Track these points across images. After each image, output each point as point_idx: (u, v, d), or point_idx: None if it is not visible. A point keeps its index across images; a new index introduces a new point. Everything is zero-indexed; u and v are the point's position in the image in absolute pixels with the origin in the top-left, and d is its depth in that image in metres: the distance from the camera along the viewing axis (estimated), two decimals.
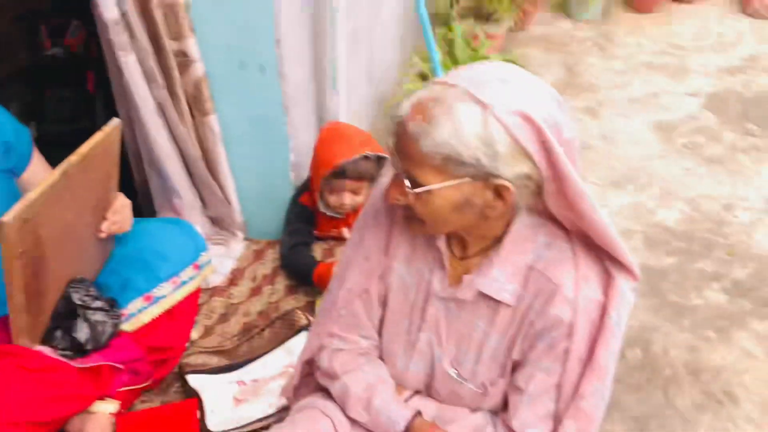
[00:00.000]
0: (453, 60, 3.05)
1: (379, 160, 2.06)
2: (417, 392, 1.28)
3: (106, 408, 1.65)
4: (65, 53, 3.07)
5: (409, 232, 1.15)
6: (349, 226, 2.19)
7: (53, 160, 1.60)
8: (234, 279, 2.15)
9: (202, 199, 2.16)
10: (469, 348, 1.17)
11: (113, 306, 1.70)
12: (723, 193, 2.84)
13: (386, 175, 1.12)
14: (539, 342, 1.09)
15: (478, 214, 1.02)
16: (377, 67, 2.85)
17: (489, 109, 0.92)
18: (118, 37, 1.68)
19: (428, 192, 0.99)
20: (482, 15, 3.53)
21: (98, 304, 1.67)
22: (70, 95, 3.09)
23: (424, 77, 2.95)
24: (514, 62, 3.12)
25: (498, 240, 1.10)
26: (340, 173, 2.01)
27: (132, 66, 1.74)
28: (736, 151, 3.12)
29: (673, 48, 4.17)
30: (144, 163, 2.05)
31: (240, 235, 2.25)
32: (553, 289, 1.06)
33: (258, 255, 2.23)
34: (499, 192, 0.98)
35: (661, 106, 3.50)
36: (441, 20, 3.49)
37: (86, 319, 1.64)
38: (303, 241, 2.14)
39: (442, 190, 0.98)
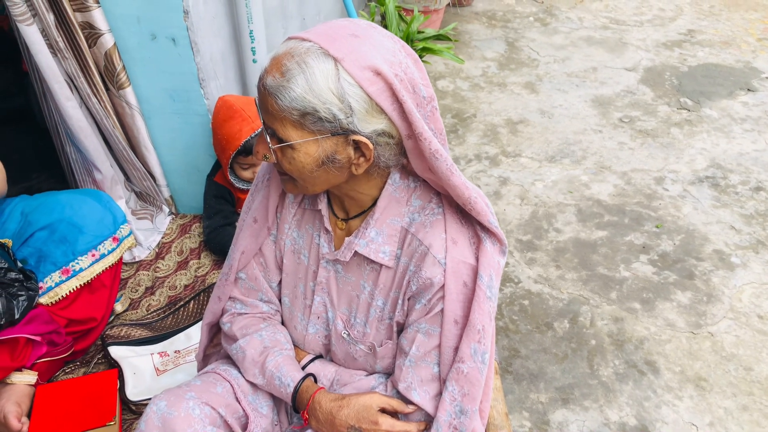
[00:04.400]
0: None
1: None
2: (319, 357, 1.30)
3: (24, 379, 1.66)
4: None
5: (285, 190, 1.15)
6: None
7: None
8: (161, 253, 2.16)
9: (124, 173, 2.16)
10: (358, 309, 1.19)
11: (30, 279, 1.70)
12: (655, 167, 2.92)
13: None
14: (417, 304, 1.10)
15: (346, 171, 1.03)
16: None
17: (340, 62, 0.92)
18: (17, 8, 1.67)
19: (290, 147, 0.99)
20: None
21: (12, 276, 1.67)
22: (2, 74, 3.06)
23: None
24: (448, 37, 3.18)
25: (375, 202, 1.11)
26: (247, 151, 2.02)
27: (35, 37, 1.73)
28: (669, 125, 3.20)
29: (613, 23, 4.24)
30: (62, 138, 2.04)
31: (166, 209, 2.25)
32: (425, 252, 1.07)
33: (185, 229, 2.24)
34: (359, 148, 0.98)
35: (600, 81, 3.58)
36: None
37: (0, 293, 1.64)
38: (225, 222, 2.15)
39: (304, 146, 0.98)
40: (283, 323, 1.33)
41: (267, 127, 1.00)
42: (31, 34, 1.72)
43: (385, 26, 3.04)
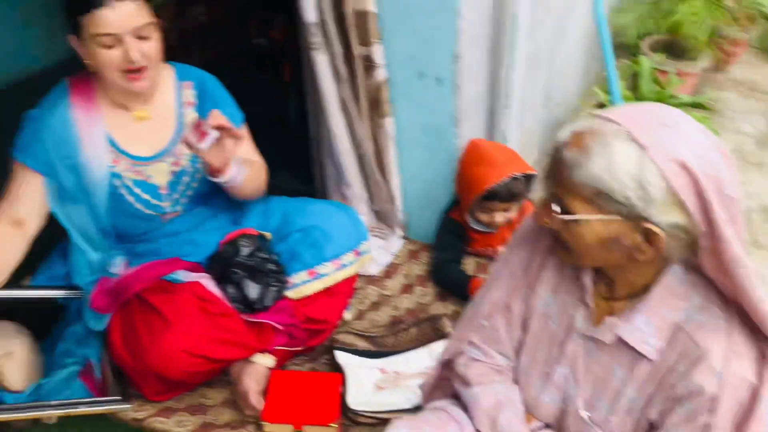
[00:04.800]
0: (637, 95, 2.95)
1: (528, 178, 2.10)
2: (547, 426, 1.28)
3: (265, 361, 1.84)
4: (268, 44, 3.49)
5: (556, 257, 1.16)
6: (503, 242, 2.25)
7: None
8: (389, 272, 2.30)
9: (369, 193, 2.35)
10: (605, 394, 1.15)
11: (281, 272, 1.93)
12: None
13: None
14: (678, 408, 1.03)
15: (626, 254, 1.01)
16: (556, 91, 2.89)
17: (646, 151, 0.91)
18: (314, 38, 1.92)
19: (576, 222, 0.99)
20: (676, 50, 3.38)
21: (270, 267, 1.90)
22: (267, 81, 3.50)
23: (602, 108, 2.92)
24: (704, 106, 3.00)
25: (647, 288, 1.08)
26: (490, 196, 2.08)
27: (323, 65, 1.98)
28: None
29: None
30: (323, 151, 2.28)
31: (399, 232, 2.40)
32: (699, 356, 1.00)
33: (413, 255, 2.37)
34: (649, 237, 0.97)
35: None
36: (629, 51, 3.42)
37: (258, 280, 1.88)
38: (454, 257, 2.23)
39: (590, 223, 0.98)
40: (514, 380, 1.33)
41: (555, 197, 1.02)
42: (321, 62, 1.96)
43: (638, 86, 2.95)
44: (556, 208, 1.01)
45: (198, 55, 4.17)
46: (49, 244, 2.03)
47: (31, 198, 1.72)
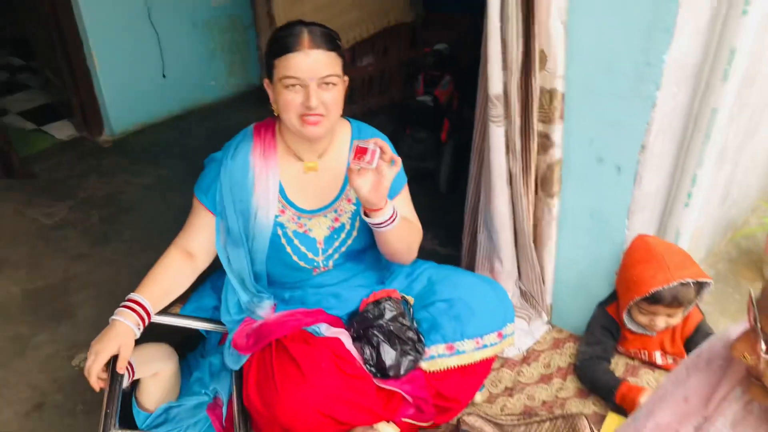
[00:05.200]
0: None
1: (700, 285, 1.90)
2: None
3: (388, 430, 1.76)
4: (432, 101, 3.50)
5: (748, 394, 1.04)
6: (662, 349, 2.04)
7: None
8: (528, 358, 2.16)
9: (519, 270, 2.23)
10: None
11: (420, 341, 1.86)
12: None
13: (737, 326, 1.04)
14: None
15: None
16: (735, 189, 2.65)
17: None
18: (495, 110, 1.86)
19: None
20: None
21: (410, 335, 1.84)
22: (425, 138, 3.51)
23: None
24: None
25: None
26: (653, 299, 1.91)
27: (498, 137, 1.92)
28: None
29: None
30: (478, 221, 2.21)
31: (545, 317, 2.26)
32: None
33: (557, 343, 2.21)
34: None
35: None
36: None
37: (395, 346, 1.82)
38: (603, 355, 2.07)
39: None
40: None
41: (764, 332, 0.90)
42: (496, 134, 1.90)
43: None
44: (763, 345, 0.90)
45: (360, 103, 4.32)
46: (203, 276, 2.11)
47: (204, 235, 1.78)
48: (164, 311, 1.79)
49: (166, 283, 1.77)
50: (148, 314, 1.69)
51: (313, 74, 1.59)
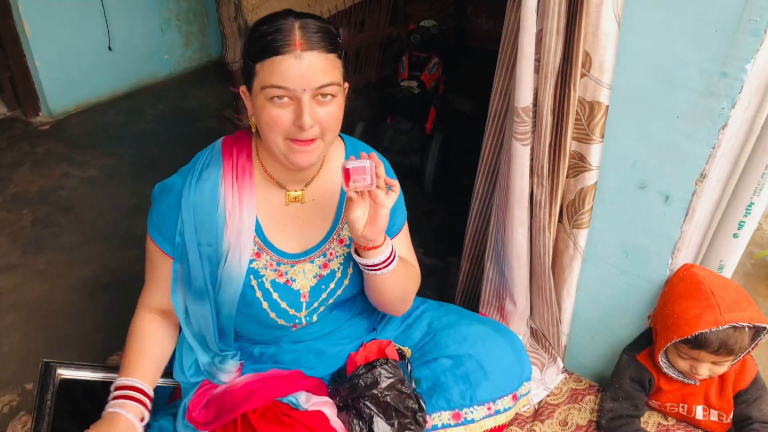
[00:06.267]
0: None
1: (758, 331, 1.58)
2: None
3: None
4: (418, 87, 3.08)
5: None
6: (707, 402, 1.71)
7: None
8: (541, 413, 1.82)
9: (532, 308, 1.88)
10: None
11: (422, 411, 1.50)
12: None
13: None
14: None
15: None
16: None
17: None
18: (521, 126, 1.48)
19: None
20: None
21: (409, 404, 1.48)
22: (408, 129, 3.10)
23: None
24: None
25: None
26: (698, 344, 1.58)
27: (523, 157, 1.54)
28: None
29: None
30: (486, 254, 1.84)
31: (560, 363, 1.92)
32: None
33: (576, 396, 1.87)
34: None
35: None
36: None
37: (391, 419, 1.46)
38: (634, 412, 1.73)
39: None
40: None
41: None
42: (521, 154, 1.52)
43: None
44: None
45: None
46: None
47: (169, 285, 1.40)
48: (98, 364, 1.46)
49: (154, 354, 1.43)
50: (151, 401, 1.37)
51: (307, 84, 1.18)
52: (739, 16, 1.26)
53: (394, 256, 1.36)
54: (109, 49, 3.74)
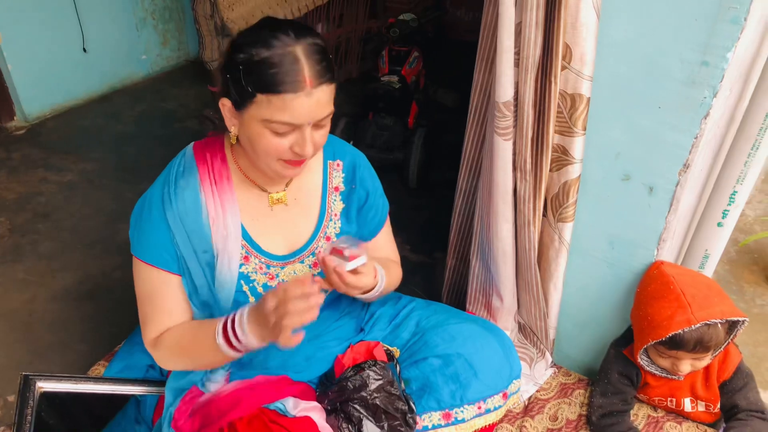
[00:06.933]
0: None
1: (733, 324, 1.57)
2: None
3: None
4: (398, 81, 3.05)
5: None
6: (693, 394, 1.71)
7: None
8: (530, 408, 1.81)
9: (519, 303, 1.87)
10: None
11: (412, 412, 1.49)
12: None
13: None
14: None
15: None
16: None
17: None
18: (503, 121, 1.46)
19: None
20: None
21: (399, 405, 1.46)
22: (390, 124, 3.08)
23: None
24: None
25: None
26: (675, 344, 1.56)
27: (505, 152, 1.52)
28: None
29: None
30: (472, 250, 1.82)
31: (549, 358, 1.91)
32: None
33: (565, 391, 1.86)
34: None
35: None
36: None
37: (381, 422, 1.44)
38: (624, 407, 1.72)
39: None
40: None
41: None
42: (504, 149, 1.50)
43: None
44: None
45: None
46: (132, 326, 1.67)
47: (181, 306, 1.34)
48: (80, 376, 1.43)
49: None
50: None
51: (312, 117, 1.17)
52: (718, 4, 1.24)
53: (381, 279, 1.39)
54: (84, 50, 3.67)
